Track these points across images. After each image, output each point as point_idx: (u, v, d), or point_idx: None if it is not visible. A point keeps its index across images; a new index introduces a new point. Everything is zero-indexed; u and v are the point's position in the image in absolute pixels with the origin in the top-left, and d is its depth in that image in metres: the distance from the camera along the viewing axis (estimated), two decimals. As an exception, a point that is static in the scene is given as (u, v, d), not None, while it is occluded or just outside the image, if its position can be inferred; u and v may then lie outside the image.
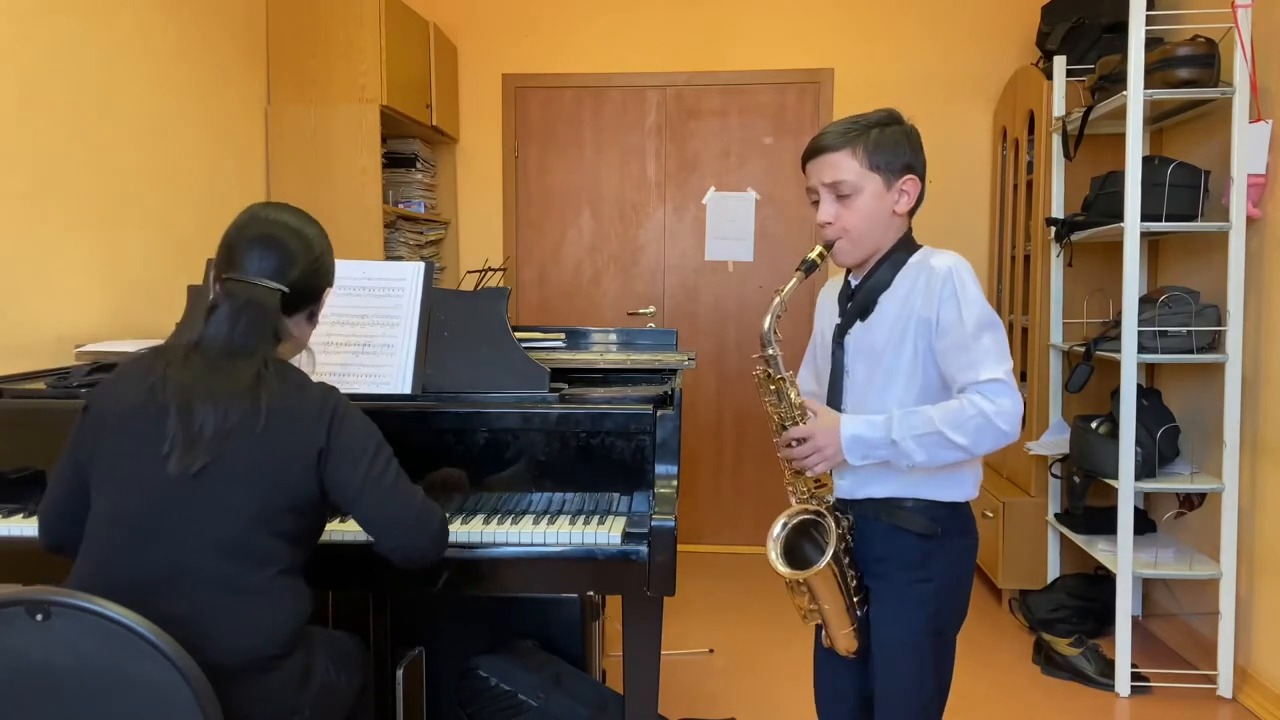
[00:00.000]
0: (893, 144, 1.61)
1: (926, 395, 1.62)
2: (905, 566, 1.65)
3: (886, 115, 1.64)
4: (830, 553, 1.61)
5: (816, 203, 1.66)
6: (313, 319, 1.66)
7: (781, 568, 1.64)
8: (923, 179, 1.66)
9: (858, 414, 1.63)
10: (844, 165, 1.60)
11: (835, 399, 1.71)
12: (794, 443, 1.63)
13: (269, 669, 1.47)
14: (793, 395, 1.64)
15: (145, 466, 1.44)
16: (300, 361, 1.63)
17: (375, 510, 1.55)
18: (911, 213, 1.68)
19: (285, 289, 1.54)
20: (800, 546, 1.69)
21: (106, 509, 1.48)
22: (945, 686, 1.72)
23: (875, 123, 1.62)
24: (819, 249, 1.65)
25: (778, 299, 1.62)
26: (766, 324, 1.63)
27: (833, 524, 1.63)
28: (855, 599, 1.70)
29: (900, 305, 1.63)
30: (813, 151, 1.64)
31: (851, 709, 1.83)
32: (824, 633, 1.77)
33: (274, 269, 1.54)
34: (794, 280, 1.62)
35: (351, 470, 1.52)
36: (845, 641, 1.73)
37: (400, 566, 1.62)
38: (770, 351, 1.64)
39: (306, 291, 1.60)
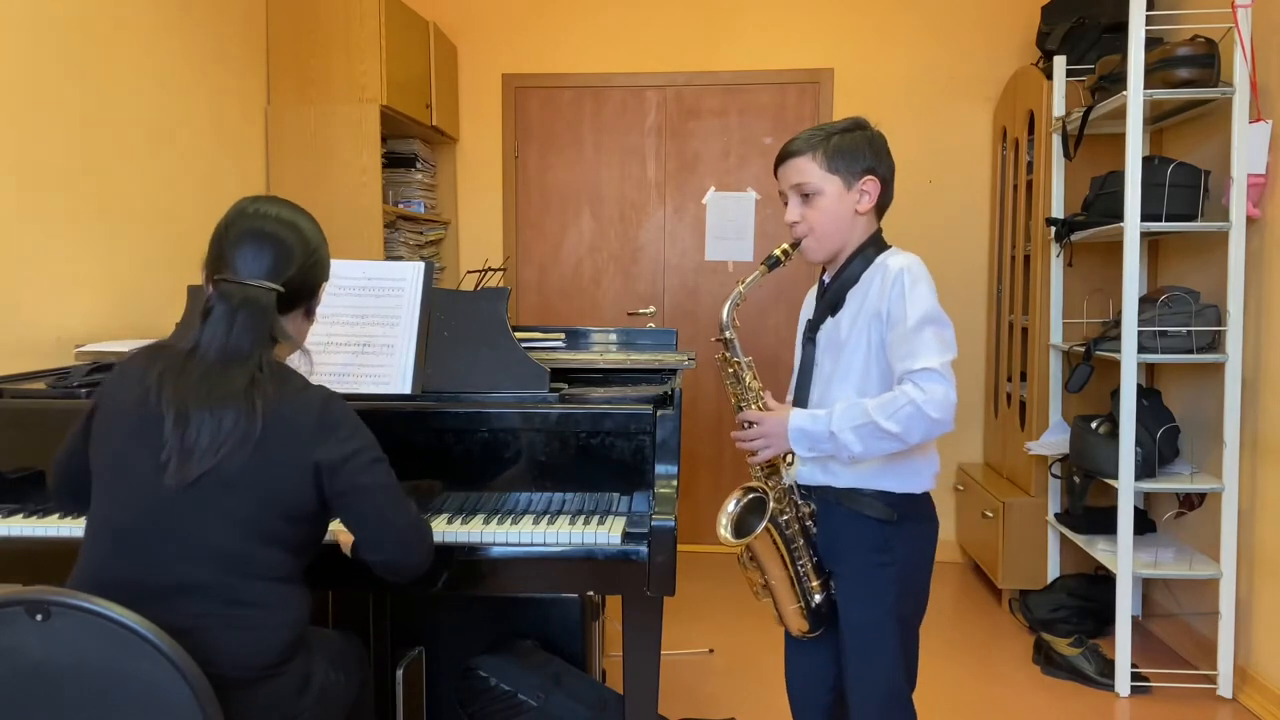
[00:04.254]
0: (852, 148, 1.72)
1: (883, 388, 1.69)
2: (869, 549, 1.73)
3: (851, 122, 1.76)
4: (766, 519, 1.69)
5: (787, 205, 1.78)
6: (310, 315, 1.62)
7: (724, 533, 1.76)
8: (884, 180, 1.75)
9: (822, 405, 1.73)
10: (807, 168, 1.73)
11: (804, 392, 1.81)
12: (745, 425, 1.75)
13: (268, 678, 1.46)
14: (748, 379, 1.76)
15: (142, 475, 1.41)
16: (296, 360, 1.59)
17: (370, 523, 1.53)
18: (880, 212, 1.78)
19: (280, 289, 1.48)
20: (750, 524, 1.76)
21: (104, 514, 1.46)
22: (913, 676, 1.79)
23: (838, 130, 1.74)
24: (784, 246, 1.76)
25: (739, 289, 1.74)
26: (725, 311, 1.75)
27: (770, 497, 1.72)
28: (814, 581, 1.77)
29: (860, 301, 1.72)
30: (781, 157, 1.77)
31: (822, 695, 1.89)
32: (776, 612, 1.83)
33: (268, 267, 1.48)
34: (756, 274, 1.75)
35: (349, 482, 1.48)
36: (795, 619, 1.80)
37: (384, 578, 1.58)
38: (728, 335, 1.76)
39: (303, 288, 1.54)
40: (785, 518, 1.74)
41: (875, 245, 1.75)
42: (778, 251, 1.74)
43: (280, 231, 1.51)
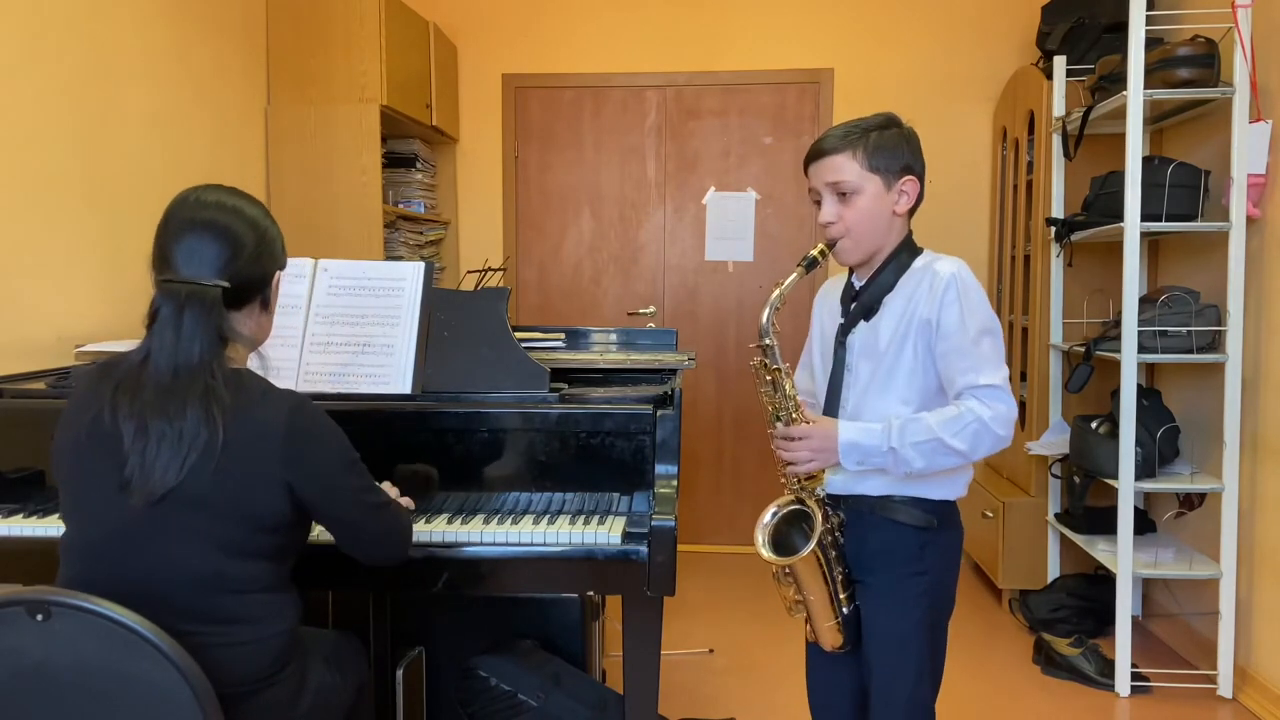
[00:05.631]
0: (891, 146, 1.65)
1: (926, 396, 1.66)
2: (902, 560, 1.69)
3: (886, 119, 1.68)
4: (815, 540, 1.63)
5: (819, 204, 1.70)
6: (267, 308, 1.51)
7: (768, 554, 1.68)
8: (922, 180, 1.70)
9: (858, 412, 1.69)
10: (845, 167, 1.65)
11: (835, 397, 1.74)
12: (790, 438, 1.67)
13: (262, 689, 1.44)
14: (788, 387, 1.69)
15: (106, 497, 1.35)
16: (251, 362, 1.53)
17: (343, 523, 1.52)
18: (911, 214, 1.72)
19: (226, 284, 1.39)
20: (788, 536, 1.71)
21: (73, 541, 1.41)
22: (939, 676, 1.77)
23: (875, 126, 1.66)
24: (820, 247, 1.69)
25: (776, 292, 1.66)
26: (765, 316, 1.68)
27: (819, 514, 1.66)
28: (842, 594, 1.72)
29: (903, 307, 1.67)
30: (815, 154, 1.69)
31: (844, 706, 1.85)
32: (808, 627, 1.78)
33: (212, 260, 1.38)
34: (794, 275, 1.66)
35: (318, 489, 1.44)
36: (830, 635, 1.75)
37: (366, 566, 1.62)
38: (768, 342, 1.68)
39: (254, 279, 1.44)
40: (821, 530, 1.68)
41: (908, 249, 1.70)
42: (814, 252, 1.67)
43: (222, 219, 1.41)
